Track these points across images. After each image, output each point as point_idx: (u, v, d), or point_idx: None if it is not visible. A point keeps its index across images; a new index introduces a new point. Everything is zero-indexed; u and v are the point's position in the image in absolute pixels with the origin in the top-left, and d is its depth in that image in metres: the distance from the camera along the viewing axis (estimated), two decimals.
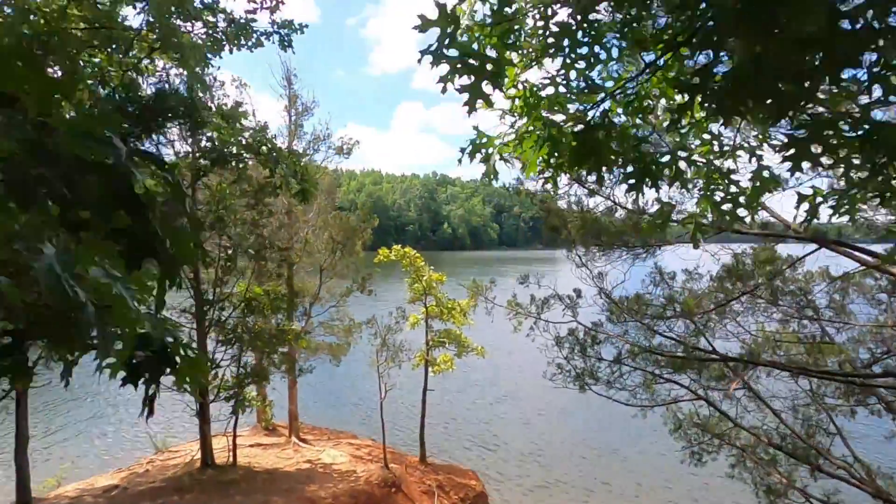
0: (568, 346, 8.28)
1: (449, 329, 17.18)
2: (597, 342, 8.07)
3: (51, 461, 20.48)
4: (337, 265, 19.09)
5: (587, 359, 7.99)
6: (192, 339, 14.03)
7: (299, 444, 19.31)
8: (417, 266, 16.89)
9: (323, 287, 20.02)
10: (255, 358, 15.47)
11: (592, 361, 7.96)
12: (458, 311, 17.16)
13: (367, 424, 23.97)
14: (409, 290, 17.68)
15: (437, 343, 16.96)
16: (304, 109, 19.00)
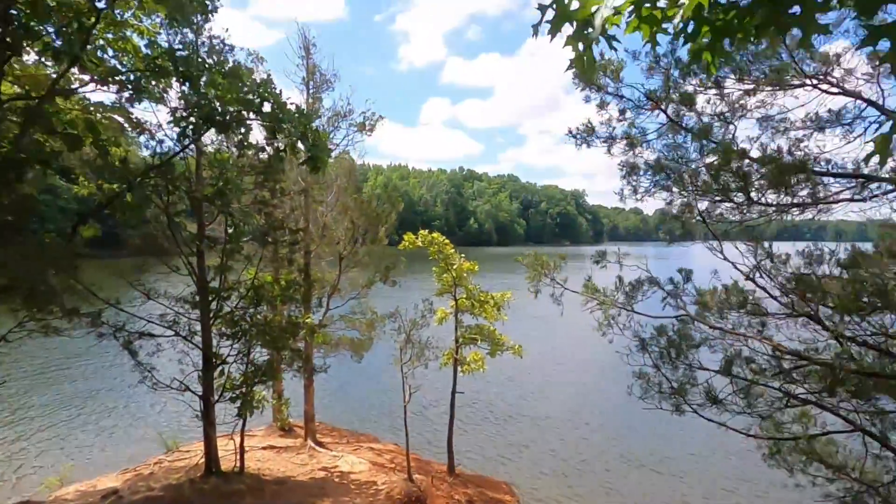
0: (657, 348, 6.33)
1: (481, 325, 15.30)
2: (702, 345, 6.10)
3: (60, 456, 19.33)
4: (358, 253, 17.38)
5: (683, 368, 6.04)
6: (194, 331, 12.48)
7: (315, 447, 17.71)
8: (446, 254, 15.05)
9: (343, 277, 18.37)
10: (270, 354, 13.86)
11: (689, 372, 6.01)
12: (491, 305, 15.27)
13: (390, 426, 22.29)
14: (436, 280, 15.87)
15: (468, 340, 15.12)
16: (324, 82, 17.31)
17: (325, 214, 17.23)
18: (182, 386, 12.85)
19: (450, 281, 15.53)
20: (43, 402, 24.29)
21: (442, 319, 16.53)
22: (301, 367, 13.08)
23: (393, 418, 22.91)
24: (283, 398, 20.76)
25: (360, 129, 17.34)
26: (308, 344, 16.95)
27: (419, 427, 21.84)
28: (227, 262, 11.76)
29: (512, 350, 14.79)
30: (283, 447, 18.22)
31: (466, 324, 15.77)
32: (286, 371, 13.46)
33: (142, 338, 11.71)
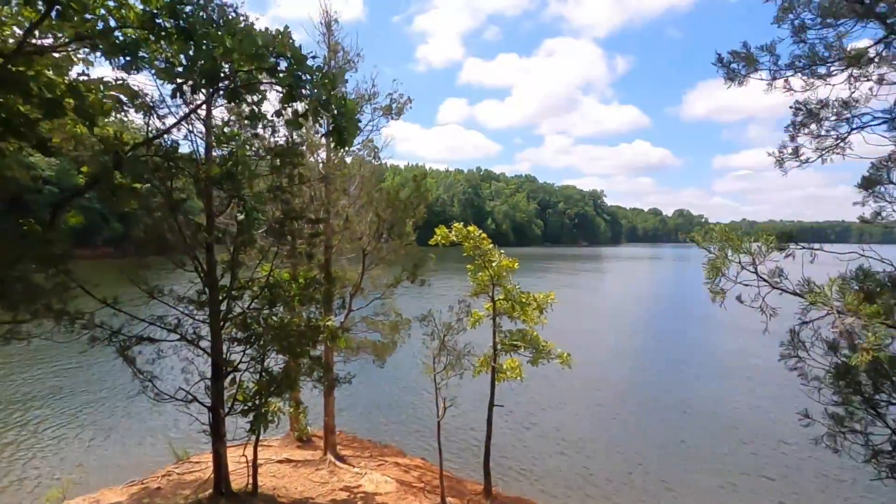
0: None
1: (523, 329, 13.59)
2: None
3: (65, 465, 18.07)
4: (383, 249, 15.80)
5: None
6: (201, 335, 10.99)
7: (336, 462, 16.17)
8: (484, 249, 13.39)
9: (366, 276, 16.82)
10: (286, 362, 12.30)
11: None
12: (533, 308, 13.57)
13: (416, 437, 20.65)
14: (471, 279, 14.21)
15: (509, 347, 13.44)
16: (346, 61, 15.76)
17: (347, 207, 15.67)
18: (188, 396, 11.38)
19: (486, 280, 13.86)
20: (46, 403, 23.10)
21: (476, 323, 14.87)
22: (321, 378, 11.51)
23: (419, 429, 21.30)
24: (301, 406, 19.29)
25: (385, 113, 15.77)
26: (329, 350, 15.43)
27: (447, 437, 20.20)
28: (238, 257, 10.23)
29: (559, 359, 13.07)
30: (301, 461, 16.71)
31: (505, 328, 14.07)
32: (304, 382, 11.91)
33: (141, 342, 10.23)
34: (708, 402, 25.03)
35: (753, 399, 25.68)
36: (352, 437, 20.24)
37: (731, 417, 23.15)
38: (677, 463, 18.56)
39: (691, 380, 28.96)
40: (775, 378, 27.40)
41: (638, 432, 21.22)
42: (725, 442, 20.42)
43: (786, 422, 22.43)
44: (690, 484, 16.85)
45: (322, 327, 11.73)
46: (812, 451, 18.61)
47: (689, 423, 22.42)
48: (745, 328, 38.81)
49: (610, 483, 16.62)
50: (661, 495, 16.02)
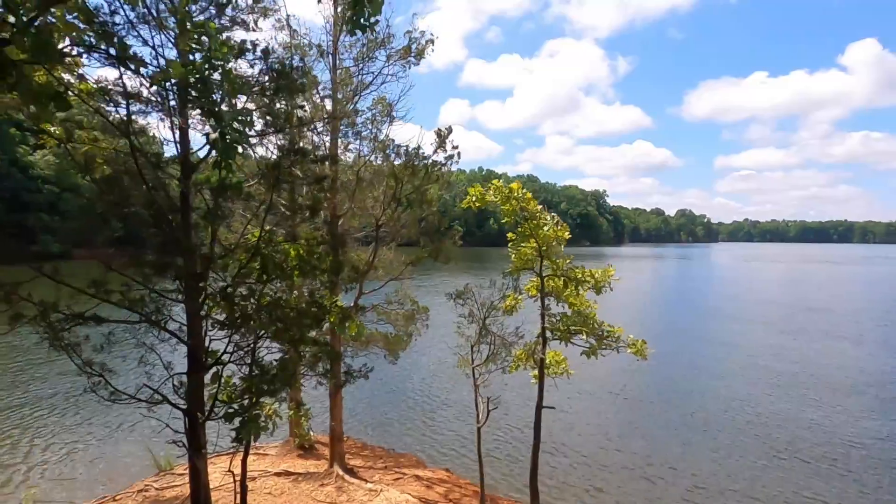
0: None
1: (584, 313, 10.86)
2: None
3: (33, 477, 15.42)
4: (400, 220, 13.16)
5: None
6: (169, 314, 8.32)
7: (344, 476, 13.50)
8: (532, 212, 10.70)
9: (378, 256, 14.16)
10: (284, 351, 9.57)
11: None
12: (589, 286, 10.88)
13: (440, 445, 17.92)
14: (511, 252, 11.53)
15: (565, 334, 10.72)
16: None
17: (356, 165, 13.00)
18: (156, 396, 8.70)
19: (531, 253, 11.18)
20: (26, 416, 20.39)
21: (513, 308, 12.20)
22: (328, 371, 8.82)
23: (440, 434, 18.57)
24: (302, 408, 16.62)
25: (404, 56, 13.13)
26: (336, 338, 12.78)
27: (474, 442, 17.53)
28: (220, 206, 7.56)
29: (632, 348, 10.37)
30: (303, 474, 14.04)
31: (553, 311, 11.37)
32: (307, 377, 9.20)
33: (84, 323, 7.56)
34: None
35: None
36: (361, 445, 17.57)
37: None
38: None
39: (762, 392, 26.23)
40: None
41: (720, 444, 18.33)
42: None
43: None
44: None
45: (329, 307, 9.05)
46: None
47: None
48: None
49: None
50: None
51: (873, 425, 19.72)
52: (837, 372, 27.04)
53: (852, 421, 20.20)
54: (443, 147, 12.84)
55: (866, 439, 18.41)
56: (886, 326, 40.83)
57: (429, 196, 13.15)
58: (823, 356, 30.36)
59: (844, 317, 44.98)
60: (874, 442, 18.19)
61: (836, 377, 26.10)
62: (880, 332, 38.65)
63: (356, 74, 13.72)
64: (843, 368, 27.74)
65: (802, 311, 48.38)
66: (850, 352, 31.75)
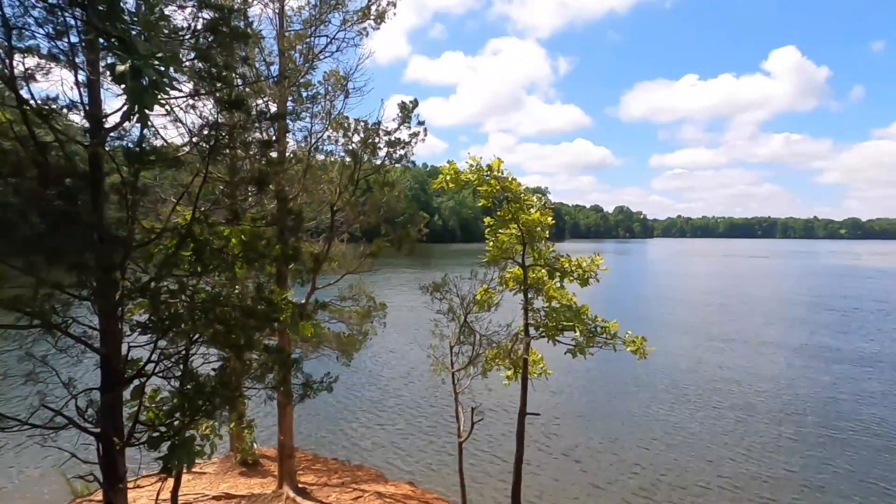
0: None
1: (576, 306, 9.65)
2: None
3: None
4: (359, 204, 11.63)
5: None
6: (73, 317, 6.54)
7: (296, 497, 11.86)
8: (515, 192, 9.42)
9: (333, 246, 12.55)
10: (224, 359, 7.84)
11: None
12: (576, 277, 9.74)
13: (401, 454, 16.42)
14: (489, 238, 10.24)
15: (552, 330, 9.50)
16: None
17: (308, 140, 11.34)
18: (58, 420, 6.87)
19: (511, 240, 9.93)
20: None
21: (485, 302, 10.92)
22: (280, 381, 7.22)
23: (400, 441, 17.06)
24: (246, 420, 14.76)
25: (362, 19, 11.58)
26: (286, 340, 11.13)
27: (448, 450, 16.13)
28: (138, 174, 5.85)
29: (630, 346, 9.25)
30: (247, 496, 12.29)
31: (537, 305, 10.16)
32: (252, 390, 7.55)
33: None
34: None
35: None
36: (313, 457, 15.87)
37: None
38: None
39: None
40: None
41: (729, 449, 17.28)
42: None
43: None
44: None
45: (281, 304, 7.46)
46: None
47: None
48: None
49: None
50: None
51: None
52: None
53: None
54: (407, 122, 11.39)
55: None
56: (791, 305, 46.10)
57: (391, 177, 11.67)
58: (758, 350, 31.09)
59: (767, 305, 47.34)
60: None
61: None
62: (783, 309, 44.96)
63: (307, 41, 12.05)
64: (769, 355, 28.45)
65: (735, 302, 50.07)
66: (769, 336, 34.38)
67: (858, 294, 56.71)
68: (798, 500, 13.86)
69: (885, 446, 17.11)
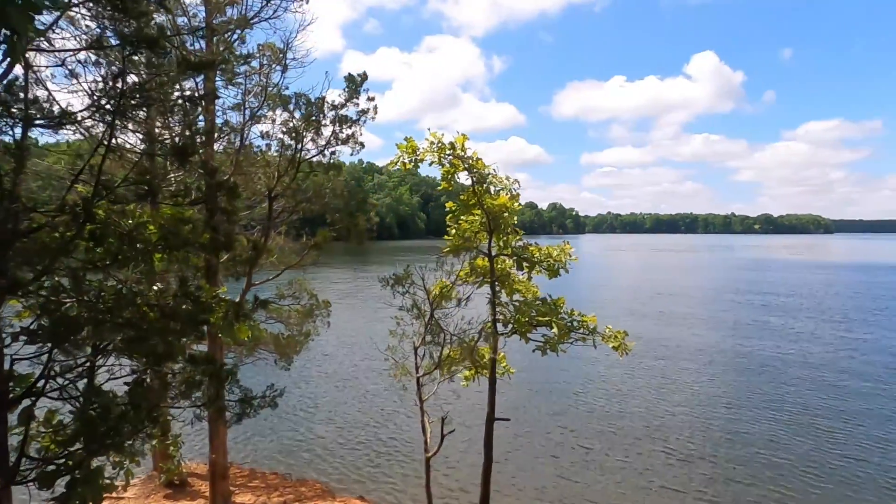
0: None
1: (550, 299, 8.76)
2: None
3: None
4: (301, 189, 10.34)
5: None
6: None
7: None
8: (480, 174, 8.44)
9: (271, 238, 11.14)
10: (139, 372, 6.37)
11: None
12: (546, 268, 8.90)
13: (349, 465, 15.13)
14: (450, 225, 9.23)
15: (523, 326, 8.59)
16: None
17: (241, 112, 9.91)
18: None
19: (475, 226, 8.96)
20: None
21: (442, 297, 9.91)
22: (211, 399, 5.91)
23: (347, 452, 15.70)
24: (172, 435, 13.06)
25: None
26: (218, 345, 9.67)
27: (389, 460, 14.93)
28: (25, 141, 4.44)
29: (612, 342, 8.47)
30: None
31: (504, 299, 9.24)
32: (178, 408, 6.19)
33: None
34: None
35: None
36: (249, 472, 14.34)
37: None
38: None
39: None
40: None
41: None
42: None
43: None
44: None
45: (212, 303, 6.14)
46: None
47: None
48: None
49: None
50: None
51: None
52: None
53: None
54: (355, 99, 10.18)
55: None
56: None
57: (337, 160, 10.44)
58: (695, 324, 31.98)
59: (707, 295, 49.05)
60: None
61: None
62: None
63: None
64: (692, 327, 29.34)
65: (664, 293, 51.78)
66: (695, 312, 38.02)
67: (773, 281, 62.38)
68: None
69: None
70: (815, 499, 13.34)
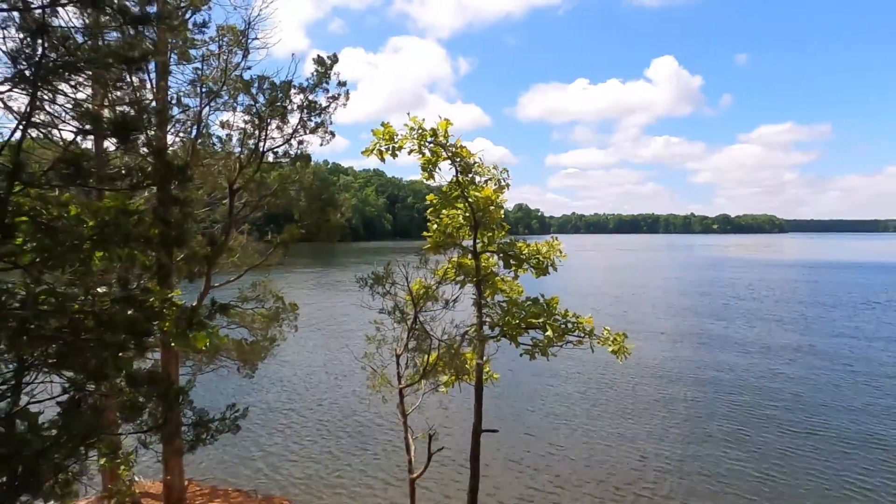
0: None
1: (543, 300, 8.08)
2: None
3: None
4: (266, 182, 9.43)
5: None
6: None
7: None
8: (465, 163, 7.70)
9: (232, 236, 10.18)
10: (71, 390, 5.38)
11: None
12: (534, 264, 8.25)
13: (315, 479, 14.15)
14: (431, 221, 8.48)
15: (514, 329, 7.88)
16: None
17: (198, 92, 8.94)
18: None
19: (458, 221, 8.24)
20: None
21: (427, 298, 9.15)
22: (160, 423, 5.00)
23: (313, 465, 14.71)
24: (123, 452, 11.90)
25: None
26: (172, 355, 8.67)
27: (362, 472, 14.03)
28: None
29: (612, 345, 7.84)
30: None
31: (493, 300, 8.53)
32: (122, 434, 5.25)
33: None
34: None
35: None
36: (210, 491, 13.26)
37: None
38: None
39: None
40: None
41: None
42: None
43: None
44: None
45: (163, 308, 5.24)
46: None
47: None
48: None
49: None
50: None
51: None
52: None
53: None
54: (324, 83, 9.33)
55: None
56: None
57: (305, 151, 9.56)
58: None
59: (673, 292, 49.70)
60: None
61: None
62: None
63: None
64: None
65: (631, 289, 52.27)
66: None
67: (731, 278, 65.81)
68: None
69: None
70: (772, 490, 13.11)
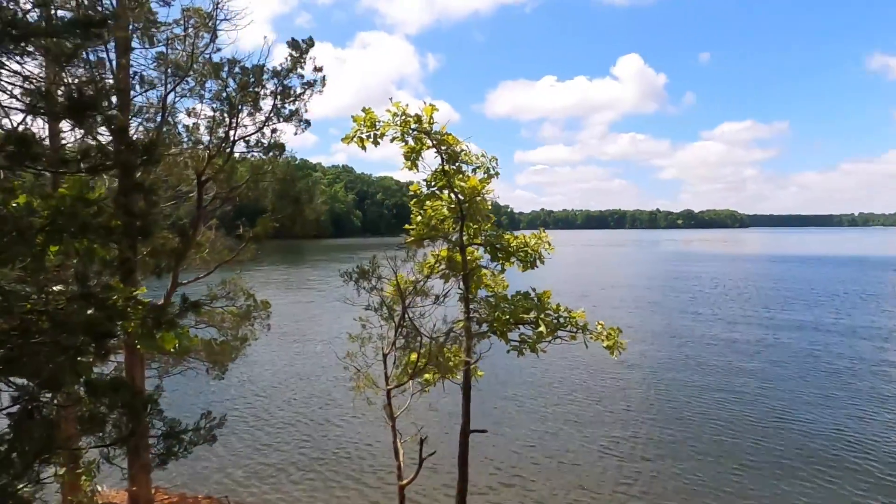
0: None
1: (534, 294, 7.74)
2: None
3: None
4: (237, 171, 8.91)
5: None
6: None
7: None
8: (452, 150, 7.35)
9: (200, 231, 9.61)
10: (22, 400, 4.82)
11: None
12: (523, 258, 7.95)
13: (291, 482, 13.64)
14: (414, 212, 8.10)
15: (503, 325, 7.57)
16: None
17: (164, 74, 8.36)
18: None
19: (442, 212, 7.89)
20: None
21: (417, 293, 8.76)
22: (125, 436, 4.52)
23: (289, 467, 14.16)
24: (84, 462, 11.19)
25: None
26: (136, 357, 8.09)
27: (340, 473, 13.57)
28: None
29: (606, 341, 7.56)
30: None
31: (481, 295, 8.22)
32: (83, 447, 4.74)
33: None
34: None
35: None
36: (179, 498, 12.62)
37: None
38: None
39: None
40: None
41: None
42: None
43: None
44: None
45: (127, 306, 4.75)
46: None
47: None
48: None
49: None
50: None
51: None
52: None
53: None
54: (299, 67, 8.85)
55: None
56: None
57: (278, 140, 9.06)
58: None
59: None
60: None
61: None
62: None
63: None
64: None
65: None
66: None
67: (697, 272, 68.15)
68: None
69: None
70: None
